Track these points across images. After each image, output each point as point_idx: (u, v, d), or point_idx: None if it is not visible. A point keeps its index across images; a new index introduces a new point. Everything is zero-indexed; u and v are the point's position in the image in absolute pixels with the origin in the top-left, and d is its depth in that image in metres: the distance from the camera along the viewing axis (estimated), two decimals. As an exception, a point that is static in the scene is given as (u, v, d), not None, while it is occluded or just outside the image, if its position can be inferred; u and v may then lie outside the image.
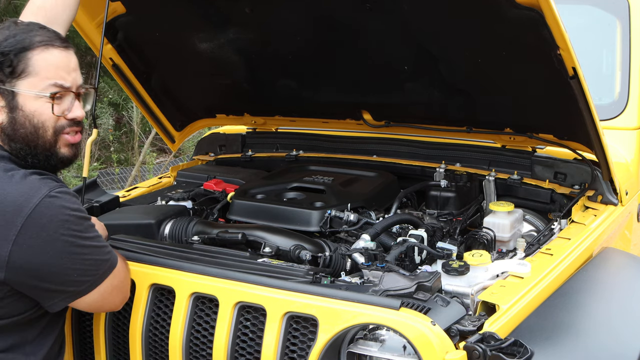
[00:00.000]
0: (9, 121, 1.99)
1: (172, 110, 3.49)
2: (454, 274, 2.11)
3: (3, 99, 1.98)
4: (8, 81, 1.97)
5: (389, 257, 2.32)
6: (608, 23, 3.28)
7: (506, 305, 1.98)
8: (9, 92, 1.97)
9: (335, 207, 2.62)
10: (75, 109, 2.05)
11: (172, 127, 3.55)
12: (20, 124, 1.99)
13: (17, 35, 1.98)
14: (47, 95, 1.99)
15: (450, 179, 2.96)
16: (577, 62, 2.23)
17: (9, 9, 8.26)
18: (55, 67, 2.00)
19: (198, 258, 2.26)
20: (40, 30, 2.02)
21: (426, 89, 2.88)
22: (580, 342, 2.06)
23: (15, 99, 1.98)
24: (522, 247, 2.54)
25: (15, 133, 2.00)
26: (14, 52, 1.96)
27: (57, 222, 1.85)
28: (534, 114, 2.77)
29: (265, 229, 2.50)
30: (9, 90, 1.97)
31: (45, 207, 1.85)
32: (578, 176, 2.83)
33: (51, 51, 2.00)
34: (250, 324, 2.06)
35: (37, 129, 2.00)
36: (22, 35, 1.98)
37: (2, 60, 1.96)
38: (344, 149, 3.34)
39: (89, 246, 1.92)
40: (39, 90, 1.98)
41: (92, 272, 1.94)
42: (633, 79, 3.09)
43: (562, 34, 2.14)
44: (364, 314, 1.89)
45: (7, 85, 1.97)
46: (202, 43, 3.06)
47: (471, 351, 1.78)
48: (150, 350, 2.18)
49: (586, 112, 2.41)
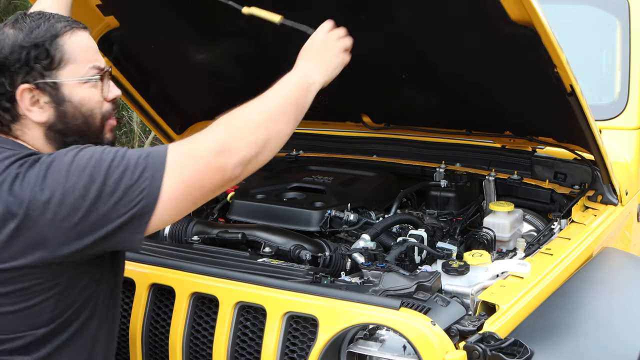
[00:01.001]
0: (58, 116, 1.82)
1: (172, 115, 3.50)
2: (454, 274, 2.11)
3: (46, 95, 1.80)
4: (48, 74, 1.79)
5: (389, 257, 2.32)
6: (608, 23, 3.28)
7: (506, 305, 1.98)
8: (52, 84, 1.80)
9: (335, 207, 2.62)
10: (112, 88, 1.92)
11: (172, 130, 3.56)
12: (71, 116, 1.83)
13: (40, 25, 1.81)
14: (95, 79, 1.85)
15: (450, 179, 2.96)
16: (574, 80, 2.24)
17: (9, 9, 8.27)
18: (87, 50, 1.86)
19: (198, 258, 2.26)
20: (57, 16, 1.86)
21: (425, 95, 2.89)
22: (580, 342, 2.06)
23: (60, 91, 1.81)
24: (522, 247, 2.54)
25: (67, 127, 1.83)
26: (47, 41, 1.79)
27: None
28: (534, 120, 2.78)
29: (265, 229, 2.50)
30: (52, 82, 1.80)
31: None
32: (578, 176, 2.83)
33: (78, 34, 1.85)
34: (250, 324, 2.06)
35: (86, 118, 1.85)
36: (46, 24, 1.81)
37: (38, 53, 1.78)
38: (344, 149, 3.34)
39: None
40: (82, 76, 1.83)
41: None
42: (633, 79, 3.09)
43: (558, 53, 2.14)
44: (364, 314, 1.89)
45: (48, 78, 1.80)
46: (198, 54, 3.07)
47: (471, 351, 1.78)
48: (150, 350, 2.18)
49: (585, 126, 2.42)
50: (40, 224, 1.64)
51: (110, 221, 1.67)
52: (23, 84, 1.78)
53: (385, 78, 2.81)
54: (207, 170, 1.71)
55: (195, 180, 1.70)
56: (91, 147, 1.73)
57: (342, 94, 2.03)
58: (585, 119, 2.38)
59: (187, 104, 3.49)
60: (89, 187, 1.65)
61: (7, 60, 1.77)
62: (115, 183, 1.66)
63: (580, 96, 2.29)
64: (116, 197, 1.66)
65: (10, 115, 1.80)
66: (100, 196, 1.65)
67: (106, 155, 1.70)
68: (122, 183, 1.66)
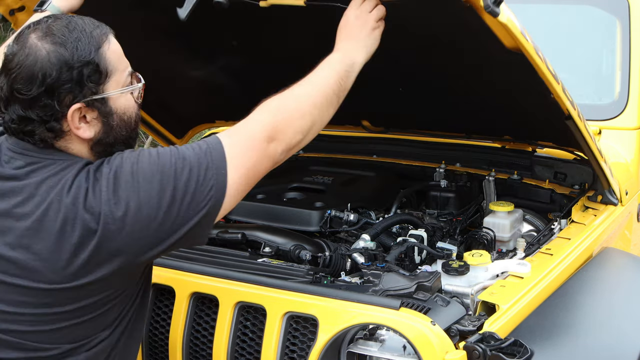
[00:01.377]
0: (105, 130, 1.74)
1: (171, 121, 3.51)
2: (453, 274, 2.11)
3: (94, 110, 1.71)
4: (97, 89, 1.70)
5: (389, 257, 2.32)
6: (608, 23, 3.28)
7: (506, 305, 1.98)
8: (101, 100, 1.71)
9: (335, 207, 2.62)
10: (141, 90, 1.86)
11: (173, 136, 3.57)
12: (117, 127, 1.76)
13: (80, 38, 1.68)
14: (139, 87, 1.80)
15: (450, 179, 2.96)
16: (570, 107, 2.25)
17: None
18: (121, 55, 1.77)
19: (198, 258, 2.26)
20: (86, 21, 1.74)
21: (425, 104, 2.89)
22: (580, 342, 2.06)
23: (107, 104, 1.72)
24: (522, 247, 2.53)
25: (116, 139, 1.76)
26: (94, 56, 1.68)
27: None
28: (533, 128, 2.79)
29: (265, 229, 2.50)
30: (101, 98, 1.71)
31: None
32: (578, 176, 2.83)
33: (111, 40, 1.75)
34: (250, 324, 2.06)
35: (128, 126, 1.79)
36: (84, 34, 1.69)
37: (89, 71, 1.67)
38: (344, 149, 3.33)
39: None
40: (124, 84, 1.76)
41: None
42: (633, 79, 3.08)
43: (552, 83, 2.14)
44: (364, 314, 1.89)
45: (98, 94, 1.70)
46: (193, 70, 3.07)
47: (471, 351, 1.78)
48: (150, 350, 2.18)
49: (584, 145, 2.43)
50: (118, 238, 1.63)
51: (185, 223, 1.68)
52: (74, 103, 1.67)
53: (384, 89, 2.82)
54: (262, 157, 1.76)
55: (253, 169, 1.75)
56: (144, 153, 1.71)
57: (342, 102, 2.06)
58: (584, 139, 2.39)
59: (186, 111, 3.50)
60: (162, 194, 1.65)
61: (58, 82, 1.65)
62: (185, 186, 1.67)
63: (578, 119, 2.30)
64: (188, 199, 1.67)
65: (54, 133, 1.69)
66: (173, 202, 1.66)
67: (165, 159, 1.68)
68: (190, 185, 1.67)
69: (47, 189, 1.65)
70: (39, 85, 1.64)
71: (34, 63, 1.64)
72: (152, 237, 1.66)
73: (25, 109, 1.66)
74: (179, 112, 3.48)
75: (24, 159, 1.70)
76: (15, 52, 1.68)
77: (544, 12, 3.44)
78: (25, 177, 1.68)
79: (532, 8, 3.41)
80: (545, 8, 3.44)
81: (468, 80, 2.53)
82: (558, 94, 2.18)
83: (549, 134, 2.76)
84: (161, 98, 3.34)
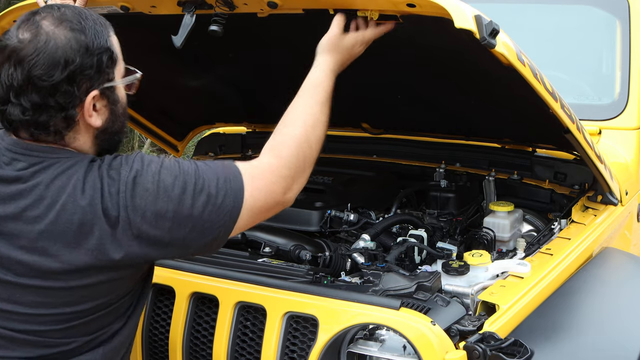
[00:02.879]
0: (112, 118, 1.74)
1: (171, 125, 3.52)
2: (453, 274, 2.11)
3: (105, 98, 1.71)
4: (111, 77, 1.71)
5: (389, 257, 2.32)
6: (608, 23, 3.28)
7: (506, 305, 1.98)
8: (111, 87, 1.71)
9: (335, 207, 2.62)
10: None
11: (173, 139, 3.58)
12: (120, 115, 1.77)
13: (94, 25, 1.67)
14: (137, 77, 1.79)
15: (450, 179, 2.96)
16: (569, 122, 2.26)
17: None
18: (119, 45, 1.76)
19: (198, 258, 2.26)
20: (91, 11, 1.73)
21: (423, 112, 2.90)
22: (580, 342, 2.06)
23: (115, 92, 1.73)
24: (522, 247, 2.54)
25: (120, 128, 1.78)
26: (110, 42, 1.69)
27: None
28: (533, 133, 2.79)
29: (265, 228, 2.50)
30: (112, 86, 1.72)
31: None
32: (578, 176, 2.83)
33: (112, 29, 1.75)
34: (250, 324, 2.06)
35: (125, 114, 1.80)
36: (96, 22, 1.69)
37: (107, 57, 1.68)
38: (344, 149, 3.34)
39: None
40: (123, 74, 1.76)
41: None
42: (633, 79, 3.08)
43: (550, 102, 2.14)
44: (364, 314, 1.89)
45: (110, 81, 1.71)
46: (191, 80, 3.08)
47: (471, 351, 1.78)
48: (150, 350, 2.19)
49: (584, 155, 2.44)
50: (133, 243, 1.65)
51: (196, 240, 1.72)
52: (92, 90, 1.67)
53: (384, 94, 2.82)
54: (275, 204, 1.84)
55: (264, 209, 1.82)
56: (166, 162, 1.71)
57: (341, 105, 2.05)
58: (584, 151, 2.40)
59: (185, 114, 3.51)
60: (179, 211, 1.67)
61: (80, 68, 1.64)
62: (203, 207, 1.69)
63: (577, 132, 2.31)
64: (202, 221, 1.69)
65: (67, 123, 1.67)
66: (189, 219, 1.68)
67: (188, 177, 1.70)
68: (207, 208, 1.69)
69: (58, 190, 1.64)
70: (62, 71, 1.62)
71: (54, 49, 1.61)
72: (166, 247, 1.71)
73: (45, 97, 1.63)
74: (179, 117, 3.50)
75: (27, 160, 1.68)
76: (27, 39, 1.62)
77: (544, 12, 3.44)
78: (31, 178, 1.66)
79: (532, 8, 3.42)
80: (546, 8, 3.44)
81: (467, 90, 2.53)
82: (556, 111, 2.19)
83: (548, 139, 2.77)
84: (161, 105, 3.35)
